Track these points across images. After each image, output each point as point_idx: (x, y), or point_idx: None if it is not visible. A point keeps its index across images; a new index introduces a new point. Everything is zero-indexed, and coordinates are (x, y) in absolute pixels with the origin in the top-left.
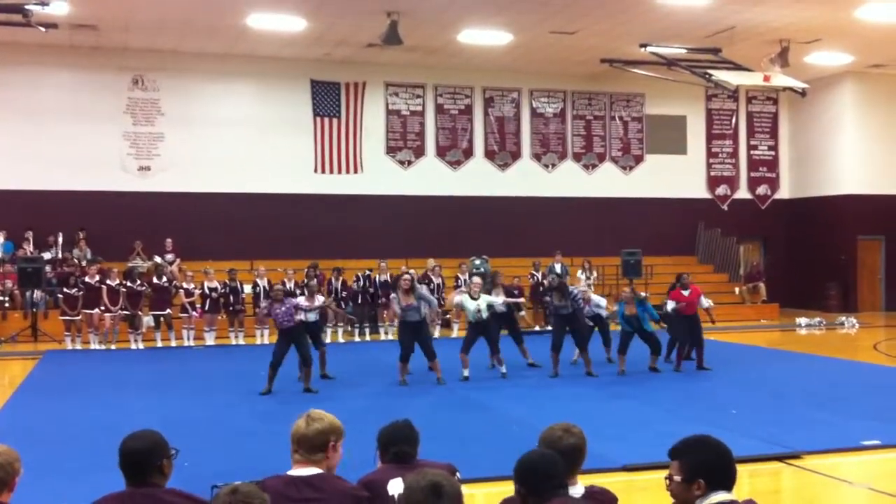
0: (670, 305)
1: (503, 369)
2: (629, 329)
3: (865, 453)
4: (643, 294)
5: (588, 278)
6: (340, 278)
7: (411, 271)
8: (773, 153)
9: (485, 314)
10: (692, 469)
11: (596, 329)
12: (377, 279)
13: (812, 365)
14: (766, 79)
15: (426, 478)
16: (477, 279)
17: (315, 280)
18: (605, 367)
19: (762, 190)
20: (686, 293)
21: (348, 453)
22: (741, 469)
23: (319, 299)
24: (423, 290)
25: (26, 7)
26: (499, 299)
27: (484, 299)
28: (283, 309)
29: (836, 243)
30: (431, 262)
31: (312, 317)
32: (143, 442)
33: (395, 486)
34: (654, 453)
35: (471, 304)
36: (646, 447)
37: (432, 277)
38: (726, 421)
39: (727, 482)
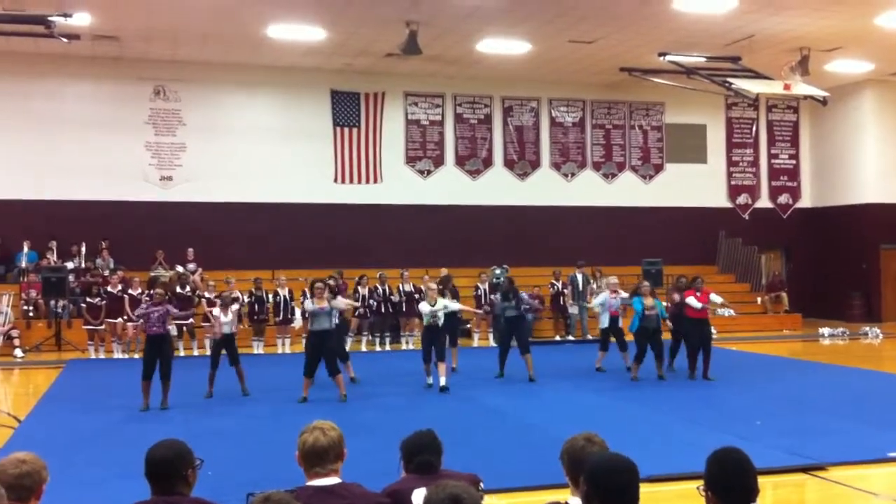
0: (678, 297)
1: (430, 380)
2: (647, 328)
3: (891, 465)
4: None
5: (598, 287)
6: (366, 286)
7: (326, 280)
8: (794, 162)
9: (441, 319)
10: (705, 481)
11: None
12: (401, 288)
13: (835, 375)
14: (787, 87)
15: (445, 490)
16: (433, 285)
17: (235, 291)
18: (622, 374)
19: (783, 199)
20: (699, 295)
21: (371, 462)
22: (765, 481)
23: (234, 309)
24: (339, 299)
25: (49, 18)
26: (454, 304)
27: (440, 303)
28: (158, 314)
29: (858, 252)
30: (444, 271)
31: (227, 329)
32: (169, 451)
33: (419, 497)
34: (676, 464)
35: (426, 308)
36: (668, 457)
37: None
38: (750, 432)
39: (738, 497)
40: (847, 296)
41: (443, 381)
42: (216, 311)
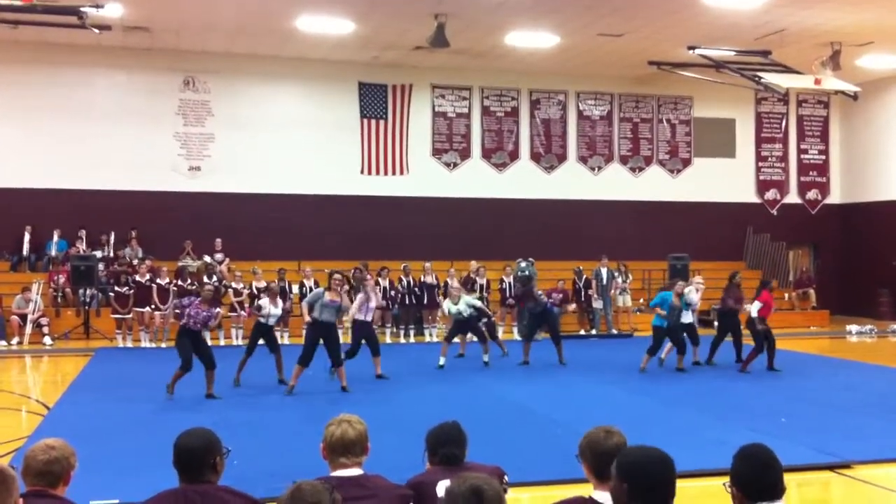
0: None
1: (486, 357)
2: (664, 325)
3: None
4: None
5: (624, 282)
6: (387, 278)
7: (345, 273)
8: (823, 157)
9: (465, 313)
10: (731, 478)
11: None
12: (422, 280)
13: (863, 373)
14: (818, 82)
15: (467, 482)
16: (456, 284)
17: (283, 283)
18: (650, 370)
19: (812, 194)
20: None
21: (396, 455)
22: (790, 478)
23: (280, 304)
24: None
25: (81, 9)
26: (477, 302)
27: (463, 300)
28: (205, 313)
29: (887, 249)
30: (474, 264)
31: (273, 320)
32: (198, 439)
33: (444, 489)
34: (701, 460)
35: (452, 308)
36: (693, 454)
37: (476, 279)
38: (776, 429)
39: (765, 494)
40: (875, 293)
41: (442, 361)
42: (264, 300)
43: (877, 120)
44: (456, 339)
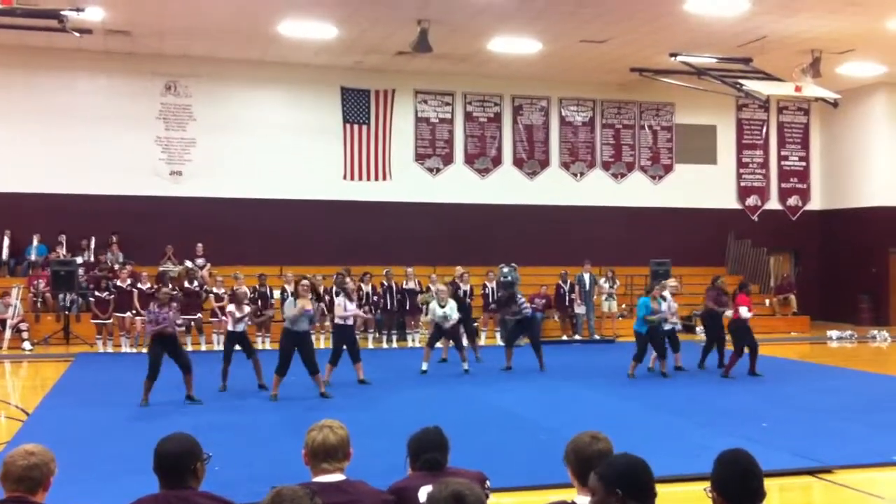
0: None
1: (465, 365)
2: (644, 331)
3: None
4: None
5: (611, 287)
6: (370, 283)
7: (309, 277)
8: (804, 164)
9: (452, 316)
10: (712, 482)
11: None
12: (404, 286)
13: (843, 378)
14: (798, 89)
15: (448, 488)
16: (443, 287)
17: (244, 287)
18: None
19: (793, 201)
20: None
21: (379, 460)
22: (771, 483)
23: (245, 309)
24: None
25: (62, 13)
26: (454, 313)
27: (450, 305)
28: (171, 313)
29: (867, 255)
30: (459, 269)
31: (241, 326)
32: (178, 445)
33: (426, 494)
34: (682, 465)
35: (438, 311)
36: (674, 459)
37: (460, 284)
38: (757, 434)
39: (745, 499)
40: (855, 299)
41: (424, 366)
42: (231, 307)
43: (857, 127)
44: (439, 344)
